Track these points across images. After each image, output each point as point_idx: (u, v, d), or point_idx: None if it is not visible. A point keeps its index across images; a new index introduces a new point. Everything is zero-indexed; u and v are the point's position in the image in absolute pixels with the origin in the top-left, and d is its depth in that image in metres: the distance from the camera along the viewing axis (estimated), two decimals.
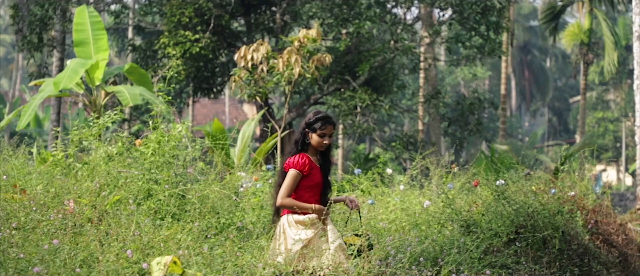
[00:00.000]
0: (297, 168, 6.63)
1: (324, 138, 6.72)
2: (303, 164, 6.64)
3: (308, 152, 6.76)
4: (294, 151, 6.76)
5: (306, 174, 6.66)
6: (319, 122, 6.72)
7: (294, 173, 6.63)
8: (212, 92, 25.16)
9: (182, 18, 22.60)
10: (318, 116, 6.75)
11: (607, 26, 33.30)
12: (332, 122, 6.77)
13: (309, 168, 6.67)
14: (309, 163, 6.67)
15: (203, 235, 7.38)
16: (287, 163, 6.68)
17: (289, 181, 6.62)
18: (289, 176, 6.63)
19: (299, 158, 6.67)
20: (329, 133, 6.74)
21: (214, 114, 55.64)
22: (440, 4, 24.25)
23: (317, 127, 6.70)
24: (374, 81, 23.82)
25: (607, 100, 60.79)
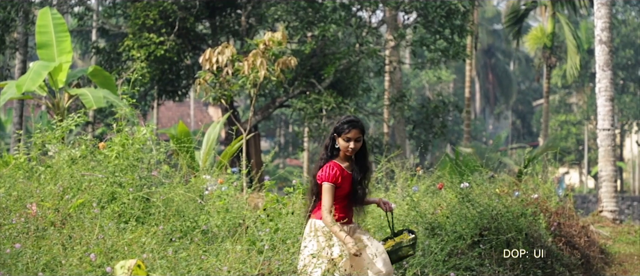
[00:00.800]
0: (330, 180, 6.45)
1: (350, 143, 6.50)
2: (335, 176, 6.46)
3: (338, 158, 6.58)
4: (324, 157, 6.58)
5: (339, 185, 6.50)
6: (345, 125, 6.51)
7: (328, 186, 6.44)
8: (177, 95, 25.05)
9: (147, 20, 22.48)
10: (344, 119, 6.57)
11: (570, 30, 33.67)
12: (358, 126, 6.52)
13: (341, 178, 6.50)
14: (339, 173, 6.50)
15: (167, 238, 7.33)
16: (320, 176, 6.49)
17: (328, 196, 6.43)
18: (326, 191, 6.43)
19: (330, 169, 6.48)
20: (355, 138, 6.49)
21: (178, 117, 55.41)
22: (405, 8, 24.35)
23: (342, 130, 6.51)
24: (339, 84, 23.87)
25: (570, 103, 61.40)
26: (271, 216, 8.16)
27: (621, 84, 58.79)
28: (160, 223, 7.71)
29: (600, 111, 17.81)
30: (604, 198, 17.55)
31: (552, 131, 55.88)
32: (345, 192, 6.53)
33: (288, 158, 61.19)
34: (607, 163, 17.56)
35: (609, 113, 17.68)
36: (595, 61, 18.05)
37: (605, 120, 17.68)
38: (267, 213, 8.26)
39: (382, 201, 6.83)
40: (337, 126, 6.57)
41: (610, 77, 17.80)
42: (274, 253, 6.89)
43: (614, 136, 17.75)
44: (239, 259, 6.69)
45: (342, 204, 6.56)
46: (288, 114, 47.76)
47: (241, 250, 6.87)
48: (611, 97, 17.77)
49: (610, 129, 17.66)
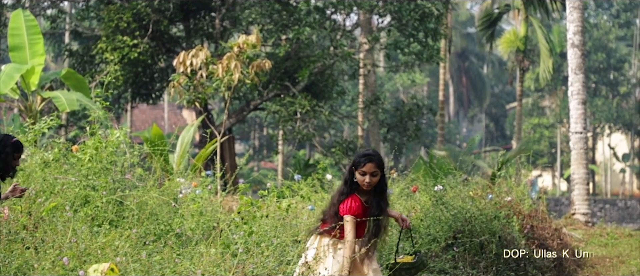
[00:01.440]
0: (351, 213, 6.46)
1: (366, 177, 6.49)
2: (356, 209, 6.47)
3: (359, 191, 6.57)
4: (344, 191, 6.58)
5: (360, 218, 6.52)
6: (361, 159, 6.52)
7: (351, 219, 6.46)
8: (151, 98, 24.95)
9: (120, 23, 22.37)
10: (361, 153, 6.60)
11: (543, 34, 33.90)
12: (374, 160, 6.50)
13: (361, 211, 6.52)
14: (359, 205, 6.51)
15: (141, 241, 7.30)
16: (342, 209, 6.51)
17: (351, 228, 6.44)
18: (348, 224, 6.44)
19: (352, 202, 6.50)
20: (370, 172, 6.48)
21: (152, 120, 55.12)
22: (379, 11, 24.41)
23: (358, 164, 6.51)
24: (314, 87, 23.88)
25: (543, 106, 61.80)
26: (245, 219, 8.15)
27: (593, 87, 59.28)
28: (134, 226, 7.67)
29: (573, 114, 17.94)
30: (577, 201, 17.68)
31: (525, 134, 56.22)
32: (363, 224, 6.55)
33: (263, 160, 61.12)
34: (580, 166, 17.69)
35: (581, 116, 17.82)
36: (568, 64, 18.19)
37: (578, 123, 17.82)
38: (241, 216, 8.24)
39: (401, 218, 6.82)
40: (355, 159, 6.58)
41: (583, 80, 17.94)
42: (249, 257, 6.88)
43: (586, 139, 17.89)
44: (213, 262, 6.68)
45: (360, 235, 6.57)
46: (262, 117, 47.73)
47: (215, 253, 6.85)
48: (583, 101, 17.92)
49: (583, 132, 17.80)
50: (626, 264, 12.48)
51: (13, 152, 7.12)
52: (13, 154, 7.11)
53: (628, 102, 60.30)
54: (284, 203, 8.63)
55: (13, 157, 7.11)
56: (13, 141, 7.12)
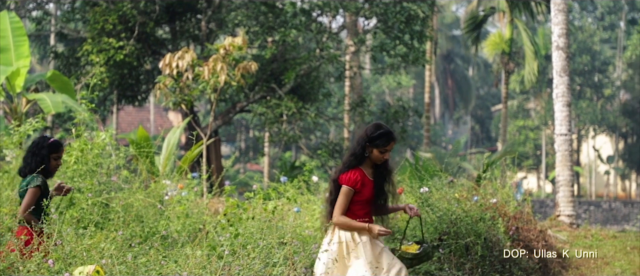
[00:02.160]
0: (349, 184, 6.48)
1: (385, 154, 6.56)
2: (355, 181, 6.48)
3: (363, 165, 6.59)
4: (350, 164, 6.56)
5: (358, 190, 6.52)
6: (382, 139, 6.52)
7: (346, 190, 6.47)
8: (137, 100, 24.89)
9: (106, 25, 22.32)
10: (381, 131, 6.56)
11: (528, 36, 34.02)
12: (395, 138, 6.60)
13: (361, 184, 6.52)
14: (361, 179, 6.52)
15: (127, 243, 7.30)
16: (341, 178, 6.52)
17: (343, 198, 6.47)
18: (343, 194, 6.48)
19: (352, 174, 6.50)
20: (390, 149, 6.58)
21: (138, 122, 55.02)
22: (365, 13, 24.44)
23: (380, 143, 6.52)
24: (300, 89, 23.89)
25: (528, 108, 62.00)
26: (231, 221, 8.16)
27: (578, 89, 59.54)
28: (120, 228, 7.67)
29: (558, 116, 18.01)
30: (561, 203, 17.75)
31: (510, 136, 56.40)
32: (364, 198, 6.54)
33: (248, 162, 61.05)
34: (564, 168, 17.76)
35: (566, 118, 17.89)
36: (553, 66, 18.25)
37: (563, 125, 17.88)
38: (227, 218, 8.25)
39: (408, 207, 6.80)
40: (373, 136, 6.54)
41: (567, 82, 18.01)
42: (234, 259, 6.89)
43: (571, 141, 17.96)
44: (199, 264, 6.68)
45: (365, 211, 6.58)
46: (249, 119, 47.70)
47: (201, 255, 6.86)
48: (568, 103, 17.99)
49: (567, 134, 17.87)
50: (610, 265, 12.55)
51: (50, 153, 7.12)
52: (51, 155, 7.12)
53: (612, 104, 60.59)
54: (270, 205, 8.64)
55: (52, 158, 7.12)
56: (50, 142, 7.13)
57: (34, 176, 7.06)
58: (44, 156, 7.11)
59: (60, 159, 7.23)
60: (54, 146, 7.16)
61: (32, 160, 7.13)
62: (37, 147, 7.17)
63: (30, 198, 6.94)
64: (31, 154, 7.17)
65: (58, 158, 7.19)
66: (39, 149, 7.15)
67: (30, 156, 7.16)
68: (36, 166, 7.10)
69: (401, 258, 6.76)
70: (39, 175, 7.06)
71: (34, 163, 7.11)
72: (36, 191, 6.99)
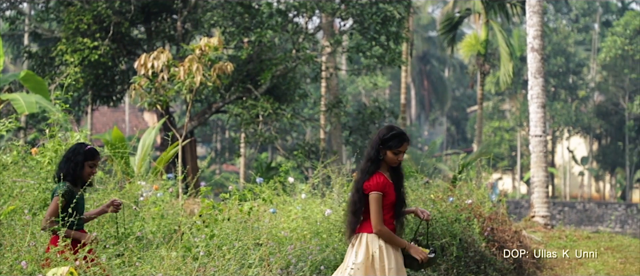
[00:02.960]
0: (378, 189, 6.39)
1: (399, 156, 6.48)
2: (383, 185, 6.40)
3: (381, 169, 6.51)
4: (369, 169, 6.47)
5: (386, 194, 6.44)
6: (395, 140, 6.44)
7: (377, 196, 6.38)
8: (112, 101, 24.75)
9: (80, 25, 22.18)
10: (393, 132, 6.48)
11: (503, 38, 34.18)
12: (407, 139, 6.52)
13: (387, 186, 6.45)
14: (384, 182, 6.44)
15: (101, 244, 7.25)
16: (368, 185, 6.41)
17: (376, 206, 6.37)
18: (375, 201, 6.37)
19: (377, 178, 6.42)
20: (404, 151, 6.50)
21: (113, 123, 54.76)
22: (341, 14, 24.45)
23: (393, 145, 6.44)
24: (276, 90, 23.86)
25: (503, 110, 62.34)
26: (207, 223, 8.12)
27: (552, 91, 59.93)
28: (94, 229, 7.62)
29: (533, 118, 18.10)
30: (536, 204, 17.84)
31: (485, 137, 56.67)
32: (390, 201, 6.47)
33: (224, 163, 60.94)
34: (539, 169, 17.86)
35: (540, 120, 17.99)
36: (528, 68, 18.34)
37: (537, 126, 17.98)
38: (202, 219, 8.22)
39: (420, 210, 6.74)
40: (386, 138, 6.47)
41: (542, 84, 18.11)
42: (210, 260, 6.86)
43: (545, 142, 18.06)
44: (174, 266, 6.65)
45: (390, 214, 6.50)
46: (224, 119, 47.59)
47: (176, 256, 6.83)
48: (543, 104, 18.09)
49: (542, 135, 17.97)
50: (584, 266, 12.63)
51: (85, 160, 6.99)
52: (86, 162, 6.99)
53: (586, 106, 61.06)
54: (246, 206, 8.61)
55: (86, 165, 6.98)
56: (86, 149, 7.00)
57: (62, 183, 6.90)
58: (78, 162, 6.95)
59: (95, 167, 7.08)
60: (90, 153, 7.01)
61: (66, 166, 6.95)
62: (72, 153, 7.00)
63: (53, 207, 6.78)
64: (66, 160, 6.99)
65: (93, 165, 7.04)
66: (74, 155, 6.99)
67: (65, 161, 6.98)
68: (68, 172, 6.96)
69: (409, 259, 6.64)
70: (66, 183, 6.89)
71: (67, 169, 6.98)
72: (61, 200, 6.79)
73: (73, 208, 6.77)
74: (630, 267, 12.48)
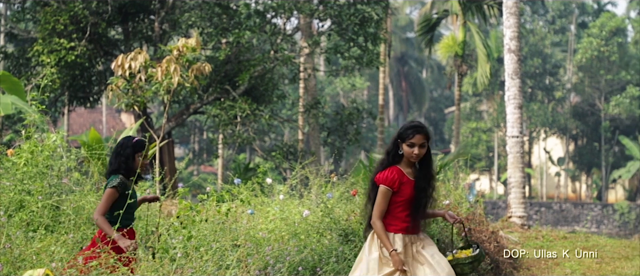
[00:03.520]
0: (386, 184, 6.26)
1: (414, 148, 6.29)
2: (392, 180, 6.26)
3: (401, 164, 6.37)
4: (385, 162, 6.37)
5: (396, 190, 6.30)
6: (408, 131, 6.30)
7: (384, 189, 6.26)
8: (89, 101, 24.63)
9: (57, 25, 22.05)
10: (408, 124, 6.37)
11: (480, 39, 34.32)
12: (423, 132, 6.30)
13: (399, 183, 6.30)
14: (398, 178, 6.29)
15: (78, 246, 7.22)
16: (377, 177, 6.31)
17: (380, 198, 6.26)
18: (380, 193, 6.26)
19: (389, 172, 6.28)
20: (419, 143, 6.29)
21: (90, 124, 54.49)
22: (319, 15, 24.47)
23: (406, 136, 6.30)
24: (254, 91, 23.84)
25: (480, 111, 62.61)
26: (184, 224, 8.10)
27: (529, 92, 60.26)
28: (71, 231, 7.58)
29: (509, 119, 18.18)
30: (513, 204, 17.92)
31: (463, 138, 56.90)
32: (405, 198, 6.33)
33: (202, 164, 60.79)
34: (516, 170, 17.93)
35: (517, 121, 18.07)
36: (505, 69, 18.42)
37: (514, 127, 18.06)
38: (180, 221, 8.19)
39: (448, 214, 6.59)
40: (401, 131, 6.37)
41: (519, 85, 18.19)
42: (187, 261, 6.84)
43: (522, 143, 18.14)
44: (151, 267, 6.63)
45: (405, 213, 6.36)
46: (202, 120, 47.47)
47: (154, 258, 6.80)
48: (520, 105, 18.17)
49: (519, 136, 18.05)
50: (561, 266, 12.71)
51: (135, 152, 6.96)
52: (136, 154, 6.96)
53: (563, 106, 61.44)
54: (224, 207, 8.60)
55: (137, 156, 6.96)
56: (134, 141, 6.98)
57: (114, 177, 6.88)
58: (128, 155, 6.92)
59: (146, 158, 7.08)
60: (139, 144, 7.01)
61: (116, 161, 6.94)
62: (121, 147, 6.98)
63: (105, 199, 6.73)
64: (115, 155, 6.97)
65: (144, 156, 7.05)
66: (123, 149, 6.97)
67: (114, 156, 6.97)
68: (120, 166, 6.92)
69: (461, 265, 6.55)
70: (118, 176, 6.87)
71: (117, 164, 6.94)
72: (113, 192, 6.77)
73: (124, 201, 6.77)
74: (606, 267, 12.57)
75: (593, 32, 57.53)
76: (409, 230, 6.38)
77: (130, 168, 6.94)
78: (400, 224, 6.35)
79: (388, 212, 6.36)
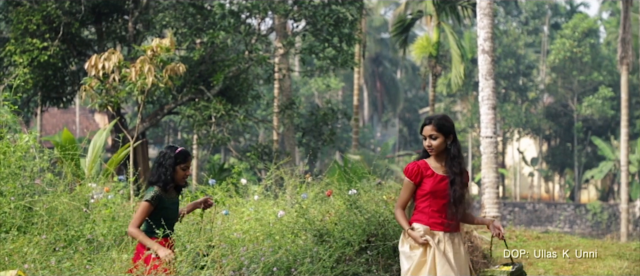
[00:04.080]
0: (406, 175, 6.29)
1: (426, 141, 6.31)
2: (411, 172, 6.26)
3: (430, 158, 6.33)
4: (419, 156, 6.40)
5: (417, 183, 6.29)
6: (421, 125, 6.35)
7: (406, 181, 6.29)
8: (62, 102, 24.46)
9: (30, 25, 21.89)
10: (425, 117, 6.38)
11: (454, 40, 34.46)
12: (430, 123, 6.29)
13: (420, 176, 6.28)
14: (419, 171, 6.27)
15: (51, 247, 7.17)
16: (404, 169, 6.34)
17: (403, 190, 6.29)
18: (403, 186, 6.30)
19: (412, 165, 6.29)
20: (428, 134, 6.29)
21: (63, 124, 54.11)
22: (294, 15, 24.47)
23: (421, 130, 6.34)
24: (229, 91, 23.79)
25: (455, 111, 62.87)
26: None
27: (503, 92, 60.59)
28: (43, 232, 7.53)
29: (483, 119, 18.26)
30: (487, 204, 18.00)
31: None
32: (426, 191, 6.28)
33: None
34: (490, 170, 18.02)
35: (491, 121, 18.15)
36: (479, 70, 18.50)
37: (488, 128, 18.14)
38: None
39: (494, 224, 6.49)
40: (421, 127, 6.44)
41: (493, 86, 18.28)
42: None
43: (496, 143, 18.23)
44: (125, 268, 6.60)
45: (431, 208, 6.32)
46: (177, 121, 47.31)
47: (127, 259, 6.78)
48: (493, 106, 18.26)
49: (493, 136, 18.14)
50: (534, 266, 12.79)
51: (177, 163, 6.86)
52: (178, 165, 6.86)
53: (536, 107, 61.84)
54: None
55: (179, 168, 6.86)
56: (177, 152, 6.88)
57: (150, 188, 6.80)
58: (169, 166, 6.83)
59: (188, 169, 6.96)
60: (182, 155, 6.90)
61: (157, 171, 6.85)
62: (163, 157, 6.88)
63: (140, 212, 6.66)
64: (157, 165, 6.89)
65: (186, 167, 6.92)
66: (165, 159, 6.86)
67: (157, 166, 6.88)
68: (159, 178, 6.82)
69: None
70: (154, 188, 6.78)
71: (157, 174, 6.84)
72: (147, 206, 6.69)
73: (161, 214, 6.69)
74: (579, 267, 12.67)
75: (566, 33, 57.97)
76: (436, 227, 6.34)
77: (171, 179, 6.88)
78: (427, 219, 6.32)
79: (415, 207, 6.38)
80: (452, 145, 6.35)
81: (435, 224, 6.33)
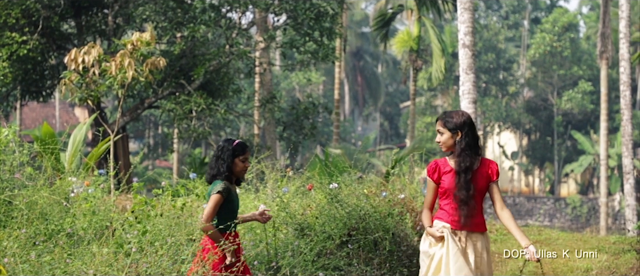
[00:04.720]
0: (427, 174, 6.26)
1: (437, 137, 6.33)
2: (429, 170, 6.24)
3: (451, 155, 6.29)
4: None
5: (436, 181, 6.24)
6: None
7: (427, 180, 6.27)
8: (41, 96, 24.33)
9: (8, 19, 21.76)
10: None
11: (435, 34, 34.57)
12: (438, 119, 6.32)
13: (438, 173, 6.24)
14: (437, 168, 6.23)
15: (31, 241, 7.14)
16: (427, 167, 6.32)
17: (427, 190, 6.25)
18: (426, 185, 6.27)
19: (432, 163, 6.27)
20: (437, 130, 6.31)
21: (43, 118, 53.84)
22: (275, 9, 24.44)
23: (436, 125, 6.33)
24: (209, 85, 23.74)
25: (435, 105, 63.04)
26: (139, 219, 8.05)
27: (483, 87, 60.80)
28: (23, 226, 7.49)
29: None
30: None
31: (418, 132, 57.25)
32: (444, 188, 6.25)
33: (157, 159, 60.41)
34: None
35: (472, 115, 18.22)
36: (459, 64, 18.56)
37: None
38: (135, 215, 8.14)
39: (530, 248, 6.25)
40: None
41: (473, 80, 18.33)
42: (142, 256, 6.81)
43: None
44: (105, 262, 6.59)
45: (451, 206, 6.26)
46: (157, 115, 47.16)
47: (108, 252, 6.76)
48: (474, 100, 18.32)
49: None
50: (513, 260, 12.86)
51: (236, 155, 6.80)
52: (237, 158, 6.80)
53: (516, 101, 62.11)
54: (179, 201, 8.56)
55: (238, 160, 6.80)
56: (235, 144, 6.82)
57: (218, 181, 6.76)
58: (228, 158, 6.79)
59: (247, 161, 6.91)
60: (240, 147, 6.85)
61: (217, 165, 6.82)
62: (221, 151, 6.84)
63: (212, 205, 6.65)
64: (216, 159, 6.85)
65: (245, 159, 6.86)
66: (223, 152, 6.83)
67: (215, 160, 6.85)
68: (219, 170, 6.79)
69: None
70: (222, 180, 6.76)
71: (218, 168, 6.81)
72: (218, 198, 6.68)
73: (227, 207, 6.71)
74: (558, 260, 12.74)
75: (546, 28, 58.22)
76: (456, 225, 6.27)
77: (231, 172, 6.84)
78: (448, 218, 6.28)
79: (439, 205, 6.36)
80: (461, 141, 6.26)
81: (455, 222, 6.29)
